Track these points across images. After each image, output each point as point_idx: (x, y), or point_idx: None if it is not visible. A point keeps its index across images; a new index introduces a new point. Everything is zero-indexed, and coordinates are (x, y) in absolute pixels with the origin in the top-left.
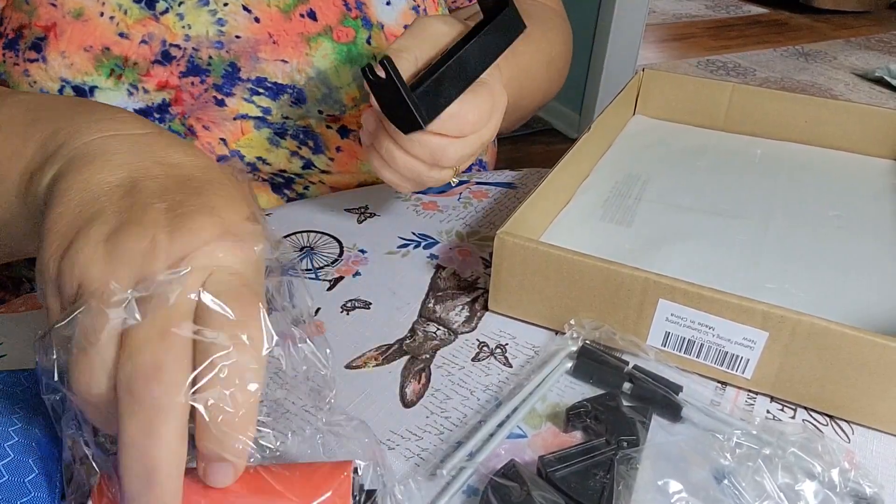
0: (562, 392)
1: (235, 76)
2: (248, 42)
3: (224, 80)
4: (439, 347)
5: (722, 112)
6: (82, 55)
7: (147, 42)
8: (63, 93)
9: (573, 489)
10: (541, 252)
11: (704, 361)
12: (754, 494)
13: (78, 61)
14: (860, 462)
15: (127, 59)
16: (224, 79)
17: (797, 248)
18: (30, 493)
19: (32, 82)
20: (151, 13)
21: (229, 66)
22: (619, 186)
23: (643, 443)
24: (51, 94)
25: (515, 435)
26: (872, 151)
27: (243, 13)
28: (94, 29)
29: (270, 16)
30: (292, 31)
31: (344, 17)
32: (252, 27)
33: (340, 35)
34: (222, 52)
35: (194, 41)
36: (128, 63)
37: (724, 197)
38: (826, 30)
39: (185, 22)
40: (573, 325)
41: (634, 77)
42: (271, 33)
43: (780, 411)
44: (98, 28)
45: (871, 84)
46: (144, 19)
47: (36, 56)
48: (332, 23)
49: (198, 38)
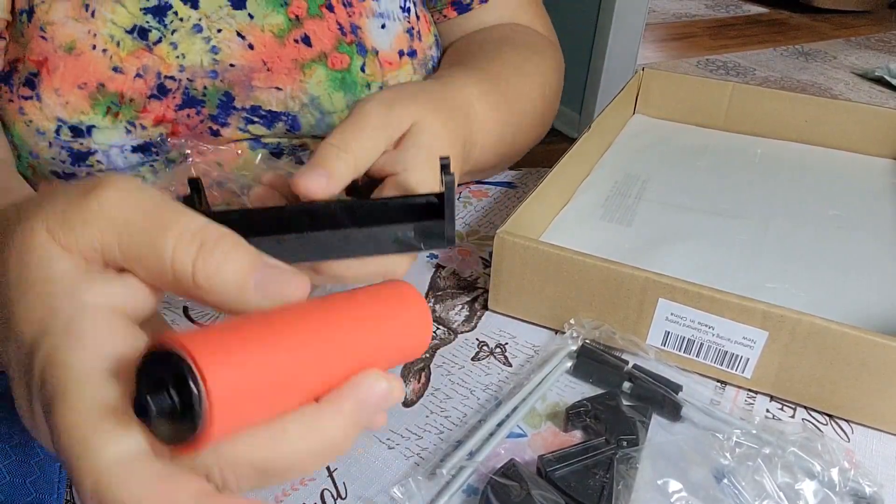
0: (562, 391)
1: (230, 105)
2: (242, 70)
3: (219, 111)
4: (439, 347)
5: (722, 112)
6: (77, 93)
7: (142, 76)
8: (60, 132)
9: (573, 488)
10: (541, 251)
11: (704, 361)
12: (754, 494)
13: (73, 100)
14: (860, 461)
15: (123, 96)
16: (219, 109)
17: (797, 248)
18: (31, 494)
19: (28, 121)
20: (144, 43)
21: (224, 96)
22: (619, 186)
23: (643, 442)
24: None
25: (515, 434)
26: (872, 151)
27: (237, 40)
28: (87, 64)
29: (264, 42)
30: (286, 58)
31: (339, 43)
32: (246, 54)
33: (335, 62)
34: (217, 82)
35: (189, 71)
36: (124, 100)
37: (724, 196)
38: (826, 29)
39: (179, 51)
40: (573, 325)
41: (634, 77)
42: (265, 60)
43: (779, 411)
44: (91, 63)
45: (871, 83)
46: (138, 51)
47: (30, 93)
48: (326, 49)
49: (192, 67)
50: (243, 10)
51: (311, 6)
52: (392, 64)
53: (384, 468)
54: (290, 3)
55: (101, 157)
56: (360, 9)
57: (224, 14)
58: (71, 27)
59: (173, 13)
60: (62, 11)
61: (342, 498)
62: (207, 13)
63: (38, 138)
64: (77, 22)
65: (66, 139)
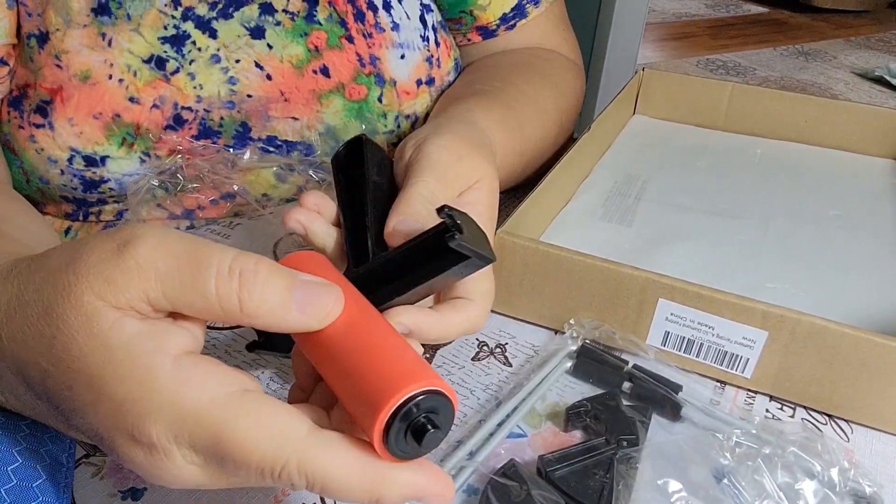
0: (561, 391)
1: (246, 136)
2: (259, 101)
3: (235, 141)
4: (439, 347)
5: (722, 112)
6: (92, 123)
7: (158, 106)
8: (73, 161)
9: (573, 488)
10: (541, 251)
11: (704, 361)
12: (754, 493)
13: (87, 130)
14: (859, 461)
15: (139, 127)
16: (235, 139)
17: (797, 248)
18: (38, 498)
19: (39, 149)
20: (162, 73)
21: (240, 127)
22: (619, 186)
23: (643, 442)
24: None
25: (515, 434)
26: (872, 151)
27: (255, 70)
28: (102, 94)
29: (283, 72)
30: (304, 88)
31: (357, 74)
32: (264, 85)
33: (353, 93)
34: (233, 112)
35: (206, 102)
36: (140, 131)
37: (724, 196)
38: (826, 29)
39: (197, 82)
40: (573, 325)
41: (634, 76)
42: (283, 91)
43: (779, 410)
44: (107, 93)
45: (871, 83)
46: (155, 81)
47: (42, 121)
48: (344, 80)
49: (209, 98)
50: (262, 41)
51: (331, 37)
52: (409, 94)
53: None
54: (309, 33)
55: (113, 185)
56: (379, 40)
57: (243, 44)
58: (86, 56)
59: (191, 43)
60: (77, 40)
61: None
62: (226, 43)
63: (50, 166)
64: (93, 51)
65: (79, 168)
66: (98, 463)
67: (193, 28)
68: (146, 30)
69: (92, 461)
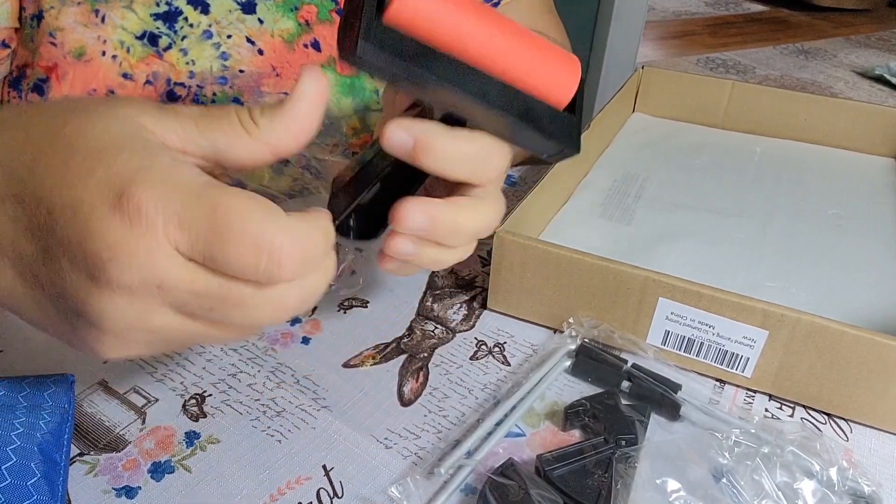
0: (560, 390)
1: None
2: (251, 76)
3: None
4: (437, 346)
5: (721, 110)
6: None
7: (152, 82)
8: None
9: (571, 488)
10: (540, 250)
11: (704, 360)
12: (753, 493)
13: None
14: (858, 461)
15: None
16: None
17: (797, 247)
18: (32, 496)
19: None
20: (154, 49)
21: (233, 102)
22: (619, 184)
23: (642, 441)
24: None
25: (514, 433)
26: (872, 150)
27: (247, 45)
28: (96, 70)
29: (274, 47)
30: (295, 63)
31: None
32: (256, 60)
33: (344, 67)
34: (226, 88)
35: (199, 77)
36: None
37: (724, 195)
38: (826, 28)
39: (189, 57)
40: (572, 324)
41: (634, 74)
42: (274, 66)
43: (778, 410)
44: (101, 69)
45: (871, 82)
46: (148, 57)
47: (38, 99)
48: (335, 54)
49: (202, 73)
50: (253, 16)
51: (321, 11)
52: None
53: (381, 467)
54: (300, 8)
55: None
56: None
57: (234, 19)
58: (80, 33)
59: (183, 19)
60: (71, 17)
61: (339, 497)
62: (217, 19)
63: None
64: (86, 28)
65: None
66: (92, 461)
67: (185, 4)
68: (139, 6)
69: (86, 459)
